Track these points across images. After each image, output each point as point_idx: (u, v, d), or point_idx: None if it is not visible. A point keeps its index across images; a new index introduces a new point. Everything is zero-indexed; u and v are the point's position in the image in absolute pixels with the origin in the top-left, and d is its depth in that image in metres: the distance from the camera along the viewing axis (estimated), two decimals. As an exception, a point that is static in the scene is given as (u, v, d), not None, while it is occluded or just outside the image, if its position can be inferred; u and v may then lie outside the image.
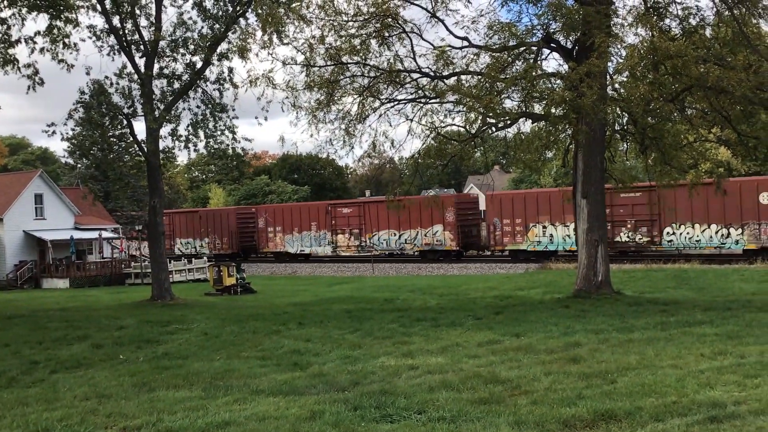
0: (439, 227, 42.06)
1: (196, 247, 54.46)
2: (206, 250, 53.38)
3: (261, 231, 50.08)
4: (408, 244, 43.25)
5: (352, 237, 45.78)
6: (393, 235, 44.08)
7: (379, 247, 44.38)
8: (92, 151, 51.86)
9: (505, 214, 39.30)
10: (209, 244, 53.47)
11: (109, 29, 25.64)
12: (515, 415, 7.87)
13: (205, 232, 53.94)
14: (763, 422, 7.30)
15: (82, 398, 9.93)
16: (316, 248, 47.15)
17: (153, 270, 27.17)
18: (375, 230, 44.69)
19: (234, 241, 52.27)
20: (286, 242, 48.64)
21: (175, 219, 55.58)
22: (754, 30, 18.75)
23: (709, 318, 14.79)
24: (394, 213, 40.69)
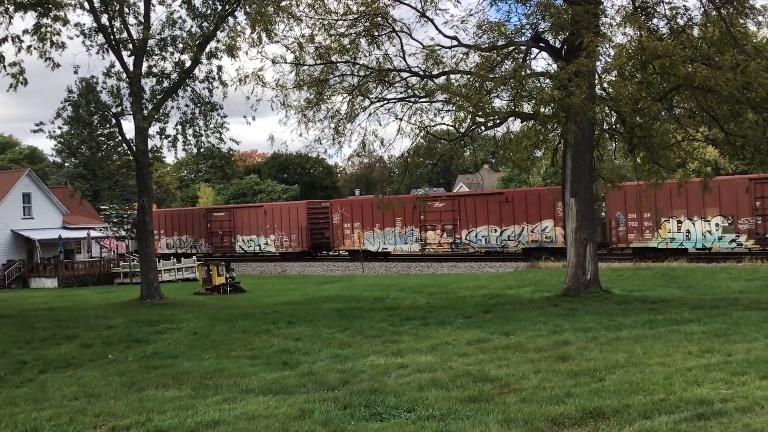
0: (549, 222, 38.17)
1: (260, 244, 50.27)
2: (272, 248, 49.60)
3: (336, 227, 45.94)
4: (511, 241, 39.65)
5: (444, 234, 41.92)
6: (493, 231, 40.19)
7: (476, 244, 40.75)
8: (80, 149, 51.54)
9: (629, 208, 34.98)
10: (275, 241, 49.20)
11: (97, 28, 25.53)
12: (504, 413, 7.91)
13: (270, 229, 49.53)
14: (749, 419, 7.36)
15: (71, 398, 9.90)
16: (400, 246, 43.14)
17: (142, 269, 27.08)
18: (472, 226, 40.65)
19: (304, 237, 47.95)
20: (365, 239, 44.53)
21: (237, 215, 51.85)
22: (741, 30, 18.87)
23: (697, 316, 14.89)
24: (494, 207, 39.13)
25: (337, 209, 46.18)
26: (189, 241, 53.94)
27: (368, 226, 44.51)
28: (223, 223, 52.17)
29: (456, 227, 41.63)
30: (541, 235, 38.71)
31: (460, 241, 41.31)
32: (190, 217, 54.80)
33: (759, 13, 18.25)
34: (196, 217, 54.23)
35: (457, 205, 41.65)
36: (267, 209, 50.72)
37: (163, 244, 54.73)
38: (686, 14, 19.41)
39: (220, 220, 52.37)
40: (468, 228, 41.13)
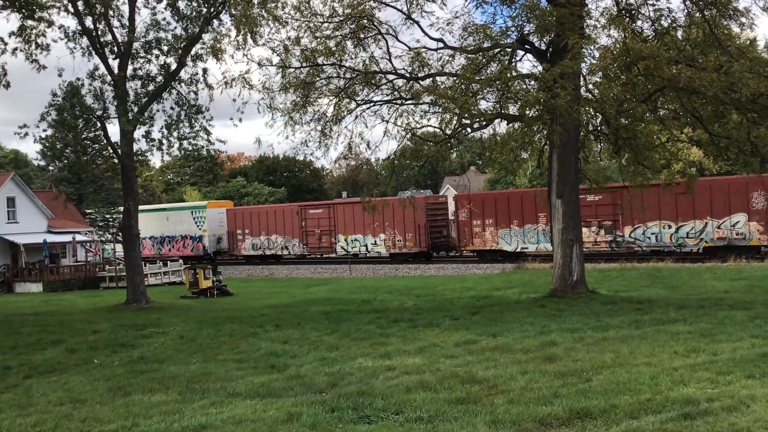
0: (742, 216, 33.04)
1: (366, 244, 44.45)
2: (381, 248, 43.87)
3: (463, 224, 40.78)
4: (690, 239, 35.41)
5: (601, 231, 37.53)
6: (667, 228, 35.60)
7: (645, 242, 36.15)
8: (65, 153, 51.28)
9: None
10: (386, 240, 43.58)
11: (81, 31, 25.38)
12: (492, 415, 7.92)
13: (380, 227, 43.53)
14: (735, 418, 7.41)
15: (56, 403, 9.84)
16: (544, 245, 37.55)
17: (128, 273, 26.93)
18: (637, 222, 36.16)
19: (422, 236, 42.35)
20: (500, 238, 39.72)
21: (338, 211, 46.04)
22: (725, 31, 19.03)
23: (683, 316, 14.97)
24: (668, 200, 33.77)
25: (464, 204, 40.87)
26: (279, 241, 48.06)
27: (503, 223, 39.66)
28: (321, 221, 46.47)
29: (617, 223, 37.03)
30: (730, 231, 33.61)
31: (622, 239, 36.88)
32: (281, 215, 48.56)
33: (742, 15, 18.40)
34: (288, 215, 48.11)
35: (617, 198, 36.13)
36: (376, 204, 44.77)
37: (248, 245, 49.64)
38: (670, 16, 19.57)
39: (317, 217, 46.78)
40: (633, 224, 36.41)
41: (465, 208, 40.89)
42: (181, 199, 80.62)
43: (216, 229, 51.68)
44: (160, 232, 53.68)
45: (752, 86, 16.58)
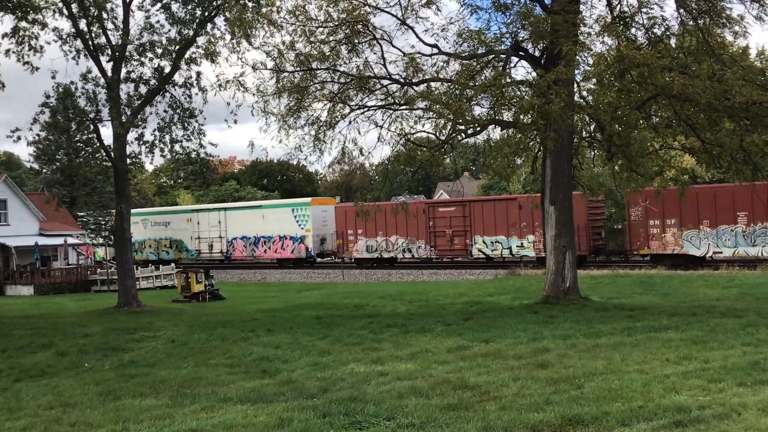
0: None
1: (510, 246, 39.21)
2: (530, 251, 38.63)
3: (636, 225, 36.05)
4: None
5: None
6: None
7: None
8: (58, 155, 51.16)
9: None
10: (536, 242, 37.90)
11: (75, 33, 25.32)
12: (484, 421, 7.91)
13: (528, 227, 38.41)
14: (726, 426, 7.42)
15: (46, 407, 9.78)
16: (745, 249, 32.72)
17: (119, 276, 26.82)
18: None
19: (581, 238, 37.17)
20: (684, 240, 34.64)
21: (475, 210, 40.54)
22: (718, 39, 19.12)
23: (675, 323, 14.99)
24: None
25: (638, 202, 35.74)
26: (401, 243, 42.54)
27: (691, 222, 34.31)
28: (454, 221, 40.99)
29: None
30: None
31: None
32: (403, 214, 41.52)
33: (735, 23, 18.48)
34: (413, 214, 40.56)
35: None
36: (523, 202, 38.71)
37: (361, 246, 43.79)
38: (664, 24, 19.63)
39: (449, 216, 41.33)
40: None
41: (639, 206, 35.87)
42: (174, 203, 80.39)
43: (320, 229, 46.40)
44: (254, 232, 48.09)
45: (745, 94, 16.65)
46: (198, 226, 50.76)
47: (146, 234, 53.22)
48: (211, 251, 50.21)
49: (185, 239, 51.63)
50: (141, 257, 51.63)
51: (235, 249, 49.16)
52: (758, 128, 17.54)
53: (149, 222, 53.70)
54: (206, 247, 50.31)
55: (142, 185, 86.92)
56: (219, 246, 49.87)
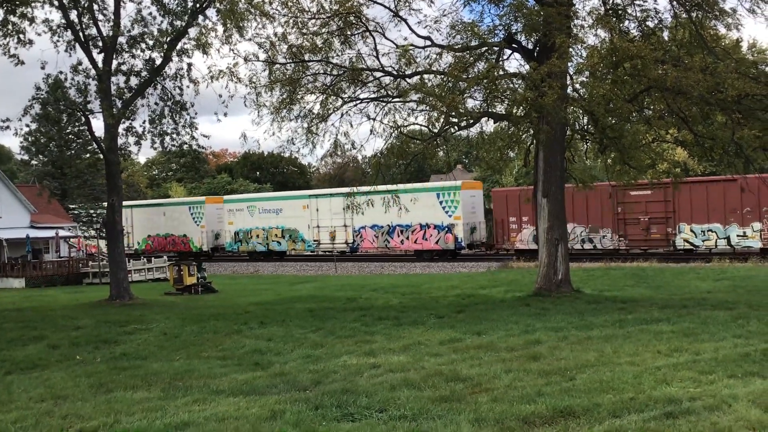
0: None
1: (729, 236, 33.42)
2: (755, 241, 32.87)
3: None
4: None
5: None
6: None
7: None
8: (49, 147, 50.89)
9: None
10: (763, 231, 32.53)
11: (66, 24, 25.15)
12: (476, 413, 7.93)
13: (754, 213, 32.63)
14: (717, 418, 7.45)
15: (37, 400, 9.75)
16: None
17: (111, 269, 26.72)
18: None
19: None
20: None
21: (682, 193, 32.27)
22: (711, 32, 19.14)
23: (666, 316, 15.06)
24: None
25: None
26: (579, 232, 37.00)
27: None
28: (651, 206, 35.30)
29: None
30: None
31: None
32: (582, 199, 35.40)
33: (728, 16, 18.50)
34: (595, 199, 35.41)
35: None
36: (746, 184, 31.82)
37: (527, 236, 38.27)
38: (657, 17, 19.65)
39: (644, 201, 35.29)
40: None
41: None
42: (167, 196, 79.79)
43: (469, 217, 40.79)
44: (388, 220, 41.47)
45: (737, 87, 16.69)
46: (317, 214, 44.92)
47: (253, 222, 47.63)
48: (333, 242, 44.45)
49: (301, 228, 45.73)
50: (246, 248, 48.10)
51: (363, 239, 43.31)
52: (750, 121, 17.59)
53: (256, 209, 47.67)
54: (327, 237, 44.68)
55: (135, 177, 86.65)
56: (343, 236, 43.97)
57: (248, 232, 48.06)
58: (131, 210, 53.26)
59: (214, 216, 50.41)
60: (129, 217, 52.31)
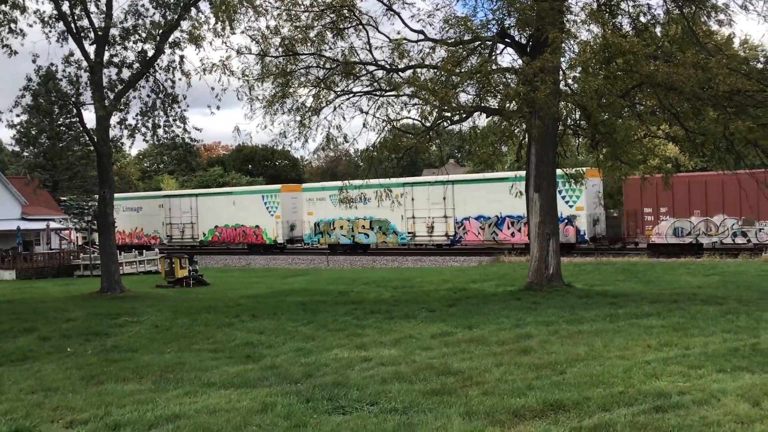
0: None
1: None
2: None
3: None
4: None
5: None
6: None
7: None
8: (40, 139, 50.62)
9: None
10: None
11: (57, 15, 25.01)
12: (466, 406, 7.96)
13: None
14: (705, 412, 7.51)
15: (27, 391, 9.74)
16: None
17: (102, 261, 26.65)
18: None
19: None
20: None
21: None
22: (703, 28, 19.19)
23: (656, 310, 15.14)
24: None
25: None
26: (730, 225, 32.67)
27: None
28: None
29: None
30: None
31: None
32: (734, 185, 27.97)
33: (720, 12, 18.56)
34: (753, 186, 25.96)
35: None
36: None
37: (665, 228, 34.18)
38: (649, 12, 19.71)
39: None
40: None
41: None
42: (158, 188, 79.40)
43: (592, 208, 37.94)
44: (498, 211, 38.67)
45: (729, 83, 16.74)
46: (412, 204, 41.34)
47: (336, 212, 43.05)
48: (430, 234, 40.89)
49: (393, 219, 41.79)
50: (328, 240, 44.80)
51: (467, 231, 39.66)
52: (742, 117, 17.65)
53: None
54: (423, 229, 41.12)
55: (126, 170, 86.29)
56: (443, 227, 40.43)
57: (330, 224, 44.27)
58: (196, 199, 51.33)
59: (290, 205, 47.15)
60: (194, 207, 50.79)
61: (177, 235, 51.93)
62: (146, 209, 53.44)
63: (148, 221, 53.28)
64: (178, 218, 51.85)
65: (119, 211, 49.19)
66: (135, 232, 53.73)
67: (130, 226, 53.67)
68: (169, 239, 51.89)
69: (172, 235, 52.07)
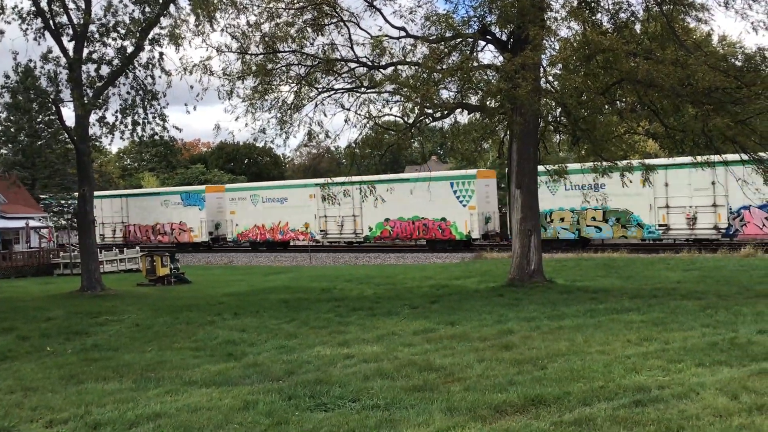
0: None
1: None
2: None
3: None
4: None
5: None
6: None
7: None
8: (19, 137, 50.05)
9: None
10: None
11: (36, 11, 24.74)
12: (448, 402, 7.99)
13: None
14: (685, 405, 7.58)
15: (6, 391, 9.65)
16: None
17: (82, 260, 26.44)
18: None
19: None
20: None
21: None
22: (682, 25, 19.33)
23: (636, 305, 15.25)
24: None
25: None
26: None
27: None
28: None
29: None
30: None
31: None
32: None
33: (698, 10, 18.70)
34: None
35: None
36: None
37: None
38: (629, 9, 19.80)
39: None
40: None
41: None
42: (139, 186, 78.78)
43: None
44: None
45: (707, 80, 16.87)
46: (666, 190, 34.04)
47: (555, 202, 36.66)
48: (692, 226, 34.11)
49: (636, 209, 34.87)
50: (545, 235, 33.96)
51: (746, 222, 32.94)
52: (720, 113, 17.81)
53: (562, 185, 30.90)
54: (681, 220, 34.11)
55: (107, 168, 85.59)
56: (710, 218, 33.59)
57: (548, 215, 37.02)
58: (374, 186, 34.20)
59: (484, 194, 39.97)
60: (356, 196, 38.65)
61: (334, 230, 44.68)
62: (293, 200, 45.76)
63: (296, 214, 45.60)
64: (335, 210, 42.39)
65: (257, 204, 46.65)
66: (277, 226, 46.36)
67: (270, 220, 46.54)
68: (323, 234, 44.98)
69: (327, 229, 44.78)
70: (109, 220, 53.03)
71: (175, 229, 50.21)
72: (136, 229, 52.10)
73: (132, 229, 52.31)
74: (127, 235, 52.27)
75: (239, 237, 47.79)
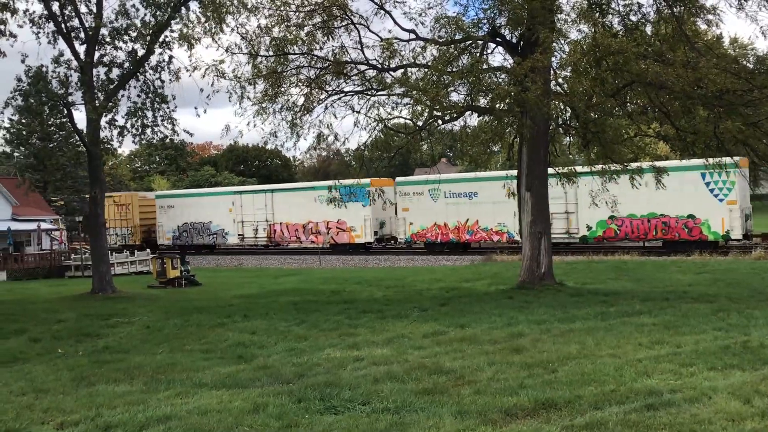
0: None
1: None
2: None
3: None
4: None
5: None
6: None
7: None
8: (31, 140, 50.40)
9: None
10: None
11: (47, 15, 24.89)
12: (458, 405, 7.96)
13: None
14: (697, 409, 7.53)
15: (18, 393, 9.69)
16: None
17: (94, 262, 26.55)
18: None
19: None
20: None
21: None
22: (693, 28, 19.24)
23: (648, 308, 15.18)
24: None
25: None
26: None
27: None
28: None
29: None
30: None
31: None
32: None
33: (709, 12, 18.62)
34: None
35: None
36: None
37: None
38: (639, 11, 19.71)
39: None
40: None
41: None
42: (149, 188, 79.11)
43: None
44: None
45: (718, 82, 16.80)
46: None
47: None
48: None
49: None
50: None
51: None
52: (732, 116, 17.72)
53: None
54: None
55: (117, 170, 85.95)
56: None
57: None
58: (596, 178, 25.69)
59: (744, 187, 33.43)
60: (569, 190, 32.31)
61: None
62: (484, 195, 39.25)
63: (490, 211, 39.29)
64: None
65: (437, 200, 40.77)
66: (463, 225, 40.61)
67: (455, 218, 40.72)
68: None
69: None
70: (251, 218, 47.53)
71: (331, 228, 44.43)
72: (283, 229, 46.48)
73: (278, 229, 46.64)
74: (272, 235, 46.84)
75: (413, 237, 41.93)
